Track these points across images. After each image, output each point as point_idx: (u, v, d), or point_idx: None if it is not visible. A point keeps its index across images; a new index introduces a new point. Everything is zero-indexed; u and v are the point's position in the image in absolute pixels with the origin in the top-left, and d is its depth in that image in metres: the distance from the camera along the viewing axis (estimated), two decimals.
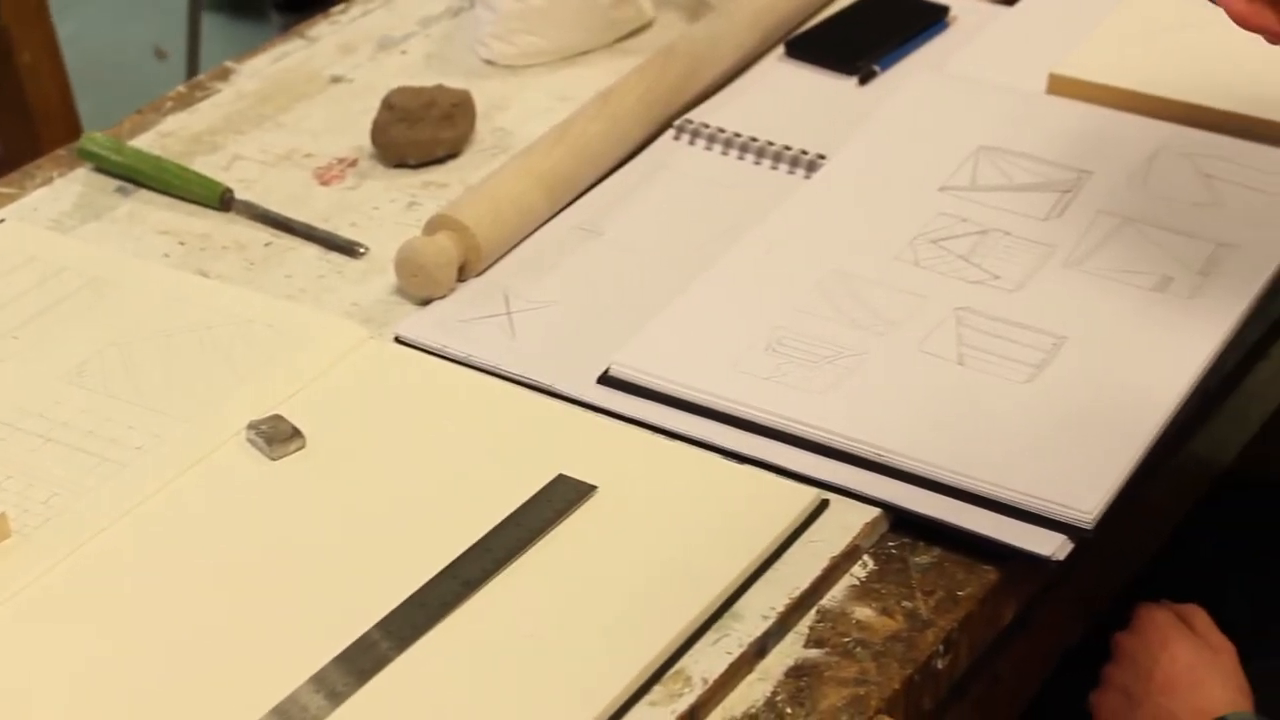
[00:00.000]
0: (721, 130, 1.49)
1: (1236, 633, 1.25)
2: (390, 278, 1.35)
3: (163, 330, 1.30)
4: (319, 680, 1.03)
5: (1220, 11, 1.11)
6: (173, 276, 1.37)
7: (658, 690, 1.04)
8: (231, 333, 1.29)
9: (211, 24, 3.55)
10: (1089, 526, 1.12)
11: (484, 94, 1.55)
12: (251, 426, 1.20)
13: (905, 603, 1.10)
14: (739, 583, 1.09)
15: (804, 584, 1.10)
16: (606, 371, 1.24)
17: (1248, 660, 1.23)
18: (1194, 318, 1.27)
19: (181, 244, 1.41)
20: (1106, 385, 1.21)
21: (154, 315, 1.32)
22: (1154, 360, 1.23)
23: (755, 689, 1.05)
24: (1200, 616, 1.26)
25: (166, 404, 1.23)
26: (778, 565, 1.11)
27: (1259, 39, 1.12)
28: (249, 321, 1.30)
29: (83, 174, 1.50)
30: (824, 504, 1.15)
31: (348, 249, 1.40)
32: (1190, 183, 1.39)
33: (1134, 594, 1.31)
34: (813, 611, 1.10)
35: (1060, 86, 1.50)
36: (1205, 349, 1.24)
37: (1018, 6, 1.64)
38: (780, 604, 1.09)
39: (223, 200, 1.44)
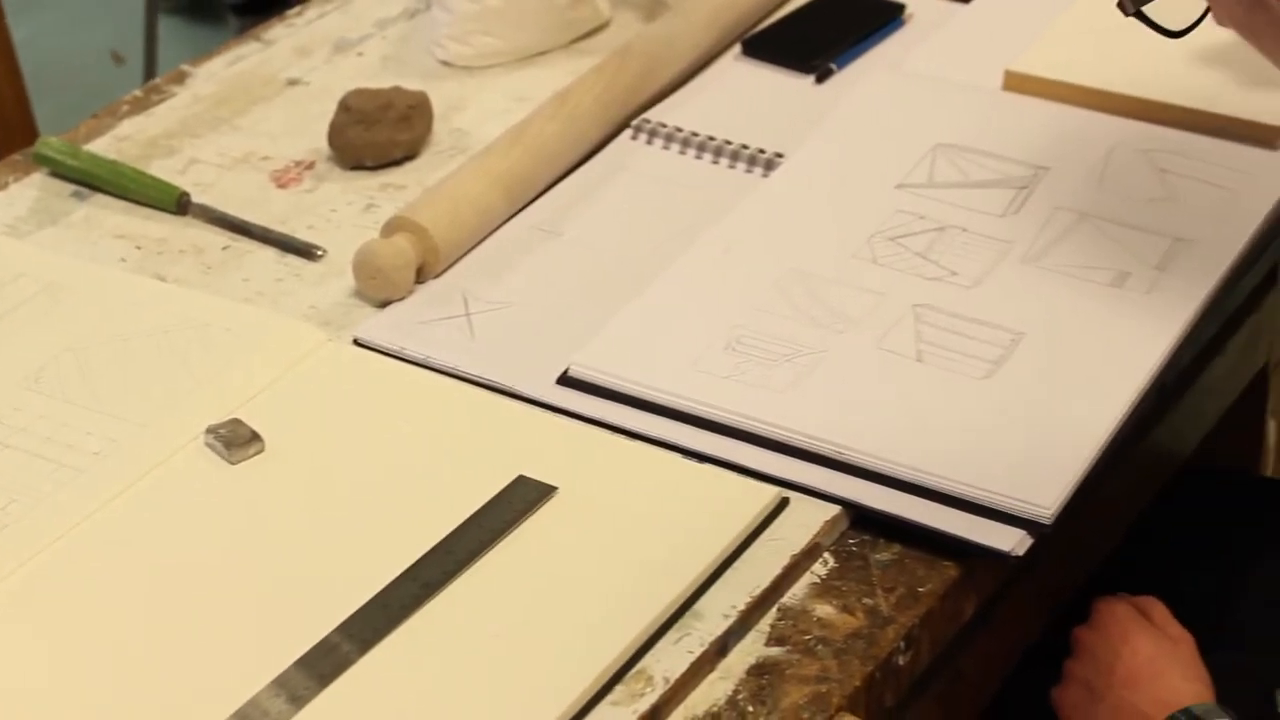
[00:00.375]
0: (679, 129, 1.49)
1: (1197, 625, 1.25)
2: (348, 280, 1.35)
3: (120, 335, 1.30)
4: (280, 683, 1.03)
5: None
6: (129, 281, 1.36)
7: (620, 690, 1.04)
8: (189, 336, 1.29)
9: (168, 27, 3.54)
10: (1048, 522, 1.12)
11: (441, 95, 1.54)
12: (210, 430, 1.20)
13: (866, 600, 1.11)
14: (700, 582, 1.09)
15: (765, 582, 1.10)
16: (566, 372, 1.24)
17: (1208, 652, 1.23)
18: (1151, 313, 1.27)
19: (138, 248, 1.41)
20: (1064, 381, 1.22)
21: (111, 320, 1.31)
22: (1111, 355, 1.24)
23: (717, 688, 1.05)
24: (1158, 608, 1.26)
25: (124, 409, 1.23)
26: (738, 564, 1.11)
27: (1209, 34, 1.12)
28: (206, 325, 1.30)
29: (39, 179, 1.49)
30: (784, 502, 1.15)
31: (305, 252, 1.39)
32: (1146, 178, 1.40)
33: (1095, 588, 1.32)
34: (774, 609, 1.10)
35: (1016, 83, 1.51)
36: (1162, 344, 1.24)
37: (973, 4, 1.64)
38: (741, 602, 1.09)
39: (179, 204, 1.44)
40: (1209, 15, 1.09)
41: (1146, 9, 1.11)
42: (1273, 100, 1.44)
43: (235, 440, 1.19)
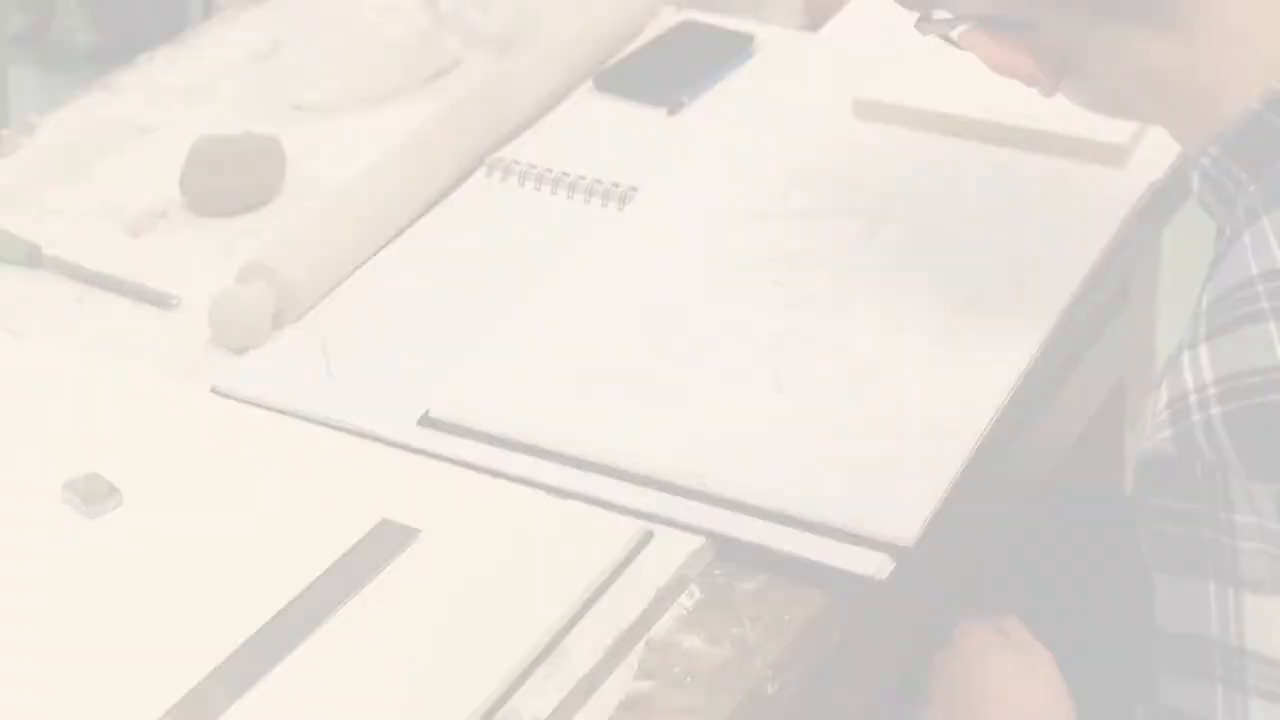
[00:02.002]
0: (533, 166, 1.49)
1: (1057, 643, 1.26)
2: (205, 329, 1.34)
3: None
4: None
5: None
6: None
7: None
8: (43, 391, 1.27)
9: (20, 77, 3.49)
10: (910, 544, 1.13)
11: (294, 139, 1.53)
12: (67, 485, 1.18)
13: (733, 630, 1.11)
14: (567, 619, 1.09)
15: (632, 617, 1.10)
16: (427, 413, 1.24)
17: (1069, 669, 1.24)
18: (1004, 333, 1.28)
19: None
20: (922, 403, 1.23)
21: None
22: (967, 376, 1.25)
23: None
24: (1016, 627, 1.27)
25: None
26: (605, 599, 1.11)
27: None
28: (61, 379, 1.28)
29: None
30: (648, 535, 1.15)
31: (160, 301, 1.38)
32: (996, 200, 1.41)
33: (960, 610, 1.32)
34: (641, 644, 1.10)
35: (866, 110, 1.52)
36: (1017, 363, 1.26)
37: (822, 33, 1.65)
38: (609, 638, 1.09)
39: (30, 257, 1.42)
40: None
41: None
42: (1116, 120, 1.45)
43: (93, 494, 1.18)
